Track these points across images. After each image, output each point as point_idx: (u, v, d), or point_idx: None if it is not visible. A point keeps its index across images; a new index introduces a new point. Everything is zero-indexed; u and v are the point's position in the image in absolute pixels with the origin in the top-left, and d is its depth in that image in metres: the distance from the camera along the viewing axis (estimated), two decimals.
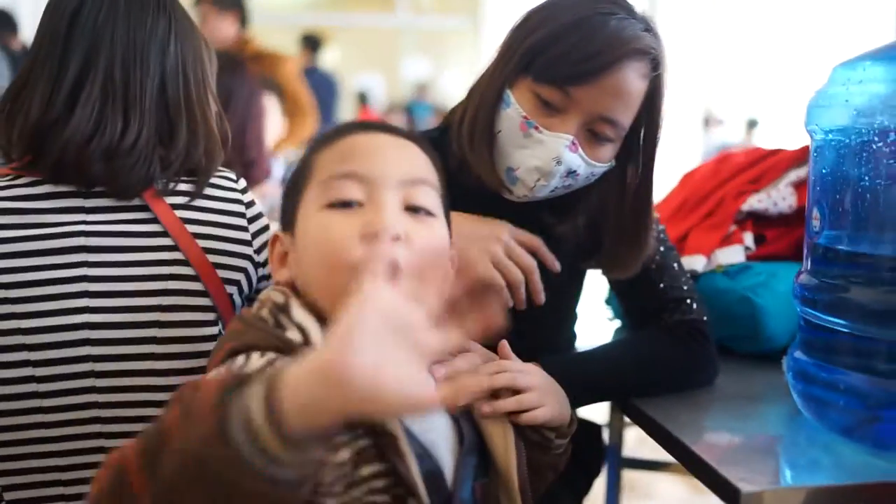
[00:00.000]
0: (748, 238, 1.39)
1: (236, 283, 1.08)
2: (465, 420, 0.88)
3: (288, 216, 0.88)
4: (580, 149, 1.04)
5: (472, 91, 1.12)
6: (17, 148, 1.03)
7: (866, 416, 0.98)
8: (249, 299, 1.13)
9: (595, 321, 1.40)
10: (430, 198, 0.85)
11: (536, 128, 1.03)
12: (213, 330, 1.05)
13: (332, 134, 0.88)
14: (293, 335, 0.78)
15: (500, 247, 1.06)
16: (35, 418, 0.97)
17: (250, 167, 1.91)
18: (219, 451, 0.57)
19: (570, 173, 1.05)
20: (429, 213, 0.84)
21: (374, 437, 0.75)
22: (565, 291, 1.20)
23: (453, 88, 8.74)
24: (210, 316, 1.05)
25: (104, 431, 1.00)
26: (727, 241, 1.38)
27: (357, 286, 0.62)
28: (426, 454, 0.81)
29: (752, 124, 7.16)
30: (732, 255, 1.36)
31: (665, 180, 1.32)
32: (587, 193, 1.11)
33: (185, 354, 1.03)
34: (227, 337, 0.82)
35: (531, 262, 1.07)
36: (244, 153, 1.87)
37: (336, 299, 0.72)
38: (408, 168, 0.84)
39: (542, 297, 1.07)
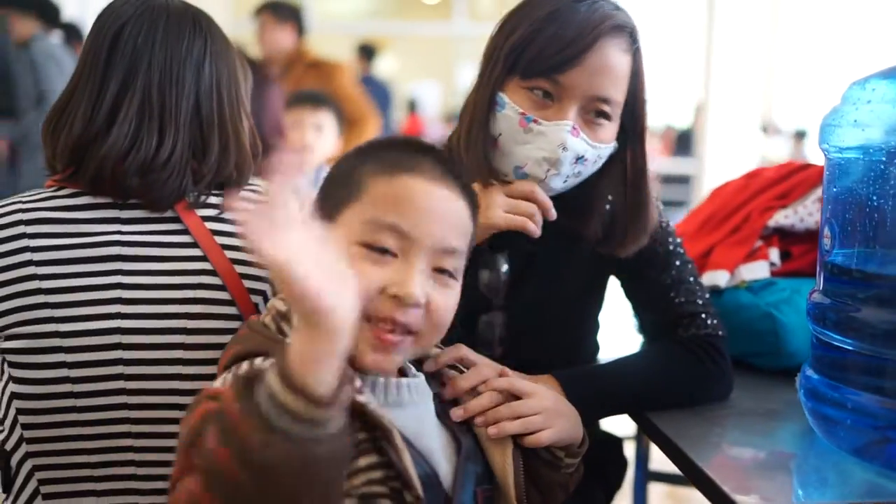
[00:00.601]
0: (774, 254, 1.39)
1: (262, 293, 1.13)
2: (463, 430, 0.91)
3: (324, 212, 0.88)
4: (581, 133, 1.07)
5: (465, 105, 1.16)
6: (60, 161, 1.10)
7: (876, 437, 0.98)
8: None
9: (623, 332, 1.40)
10: (458, 262, 0.89)
11: (535, 121, 1.07)
12: None
13: (395, 160, 0.88)
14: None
15: (503, 201, 1.08)
16: (69, 417, 1.03)
17: (267, 153, 2.01)
18: (269, 439, 0.63)
19: (579, 159, 1.08)
20: (451, 276, 0.88)
21: (369, 430, 0.80)
22: (585, 299, 1.23)
23: None
24: (235, 324, 1.10)
25: (133, 431, 1.05)
26: (752, 256, 1.38)
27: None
28: (420, 458, 0.85)
29: (800, 135, 6.99)
30: (757, 270, 1.36)
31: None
32: (599, 186, 1.13)
33: (211, 360, 1.07)
34: (234, 341, 0.89)
35: (530, 206, 1.08)
36: (262, 142, 1.98)
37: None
38: (448, 235, 0.87)
39: (553, 212, 1.08)
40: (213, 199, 1.13)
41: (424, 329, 0.86)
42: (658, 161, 7.63)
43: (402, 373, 0.92)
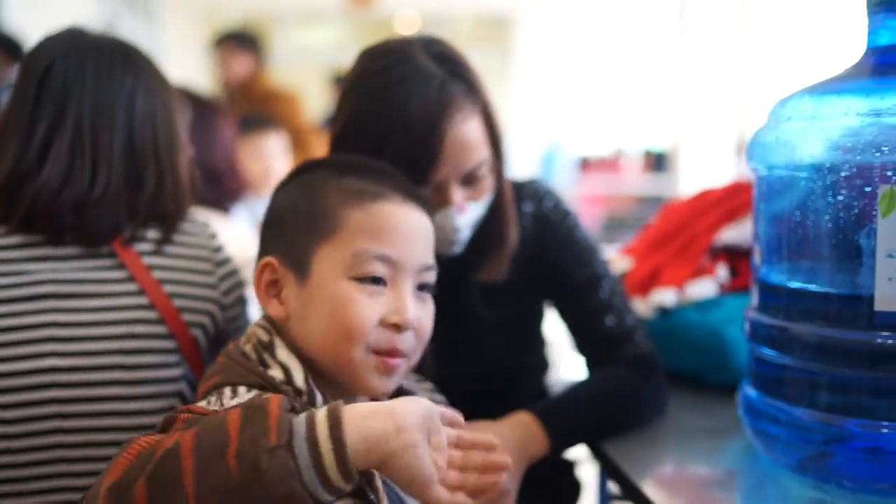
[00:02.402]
0: (721, 271, 1.39)
1: (201, 326, 1.13)
2: None
3: (295, 253, 0.88)
4: (469, 202, 1.10)
5: None
6: None
7: (815, 451, 0.98)
8: (217, 339, 1.18)
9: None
10: (433, 276, 0.92)
11: None
12: (178, 372, 1.10)
13: (360, 187, 0.89)
14: (276, 374, 0.84)
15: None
16: (3, 459, 1.02)
17: (221, 181, 2.02)
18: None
19: (473, 224, 1.12)
20: (428, 290, 0.92)
21: None
22: (515, 326, 1.24)
23: None
24: (175, 358, 1.09)
25: (70, 471, 1.04)
26: (699, 273, 1.38)
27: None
28: (398, 498, 0.85)
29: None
30: (704, 288, 1.37)
31: None
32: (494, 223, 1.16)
33: (149, 396, 1.07)
34: (214, 370, 0.89)
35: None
36: (211, 169, 2.00)
37: (335, 362, 0.85)
38: (426, 254, 0.91)
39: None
40: (150, 234, 1.13)
41: (413, 349, 0.90)
42: (636, 182, 7.68)
43: None
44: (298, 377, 0.83)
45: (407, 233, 0.88)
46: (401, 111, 1.04)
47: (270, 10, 7.80)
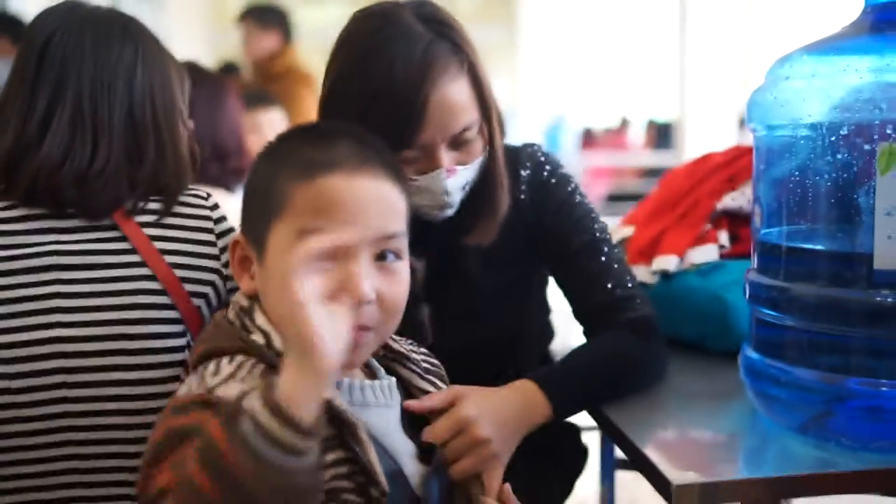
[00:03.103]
0: (723, 237, 1.39)
1: (204, 295, 1.13)
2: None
3: (255, 231, 0.88)
4: (458, 165, 1.10)
5: None
6: None
7: (817, 411, 0.99)
8: (219, 310, 1.18)
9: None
10: (399, 243, 0.87)
11: (413, 179, 1.08)
12: (181, 341, 1.10)
13: (309, 159, 0.85)
14: (257, 338, 0.85)
15: None
16: (10, 428, 1.03)
17: (227, 159, 2.02)
18: (258, 470, 0.65)
19: (463, 187, 1.11)
20: (397, 258, 0.87)
21: (337, 425, 0.81)
22: (516, 290, 1.24)
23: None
24: (178, 328, 1.10)
25: (76, 439, 1.05)
26: (701, 240, 1.38)
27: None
28: (386, 455, 0.86)
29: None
30: (706, 253, 1.36)
31: None
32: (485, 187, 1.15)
33: (153, 365, 1.08)
34: (201, 338, 0.90)
35: None
36: (219, 147, 2.00)
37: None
38: (383, 222, 0.85)
39: None
40: (151, 206, 1.13)
41: (380, 321, 0.86)
42: (640, 154, 7.66)
43: (373, 375, 0.94)
44: (278, 342, 0.84)
45: (354, 204, 0.84)
46: (385, 72, 1.04)
47: None
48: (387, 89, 1.04)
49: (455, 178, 1.10)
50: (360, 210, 0.84)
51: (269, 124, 2.74)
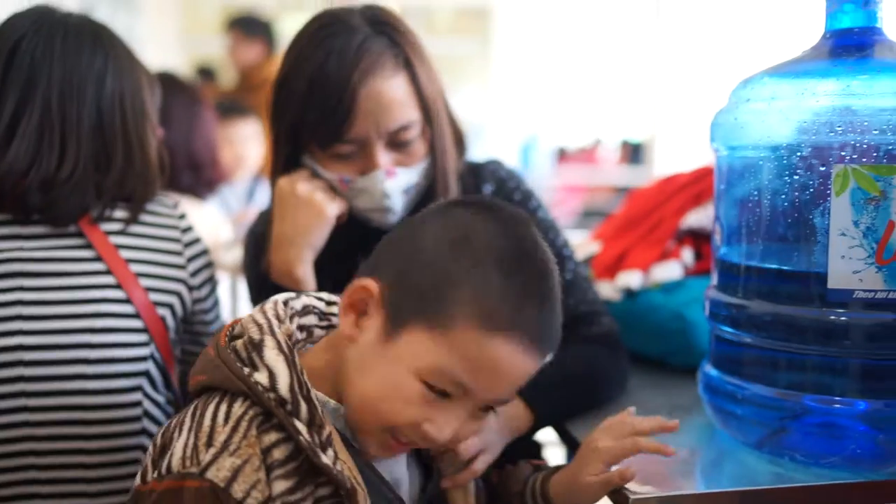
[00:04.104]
0: (687, 254, 1.41)
1: (169, 305, 1.13)
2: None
3: (399, 308, 0.79)
4: (399, 167, 1.11)
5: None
6: None
7: (773, 428, 1.00)
8: (185, 320, 1.18)
9: None
10: (504, 403, 0.88)
11: (349, 180, 1.11)
12: (144, 351, 1.10)
13: (498, 310, 0.77)
14: (261, 378, 0.78)
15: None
16: None
17: (201, 170, 2.03)
18: None
19: (406, 191, 1.13)
20: (493, 410, 0.89)
21: (335, 486, 0.77)
22: None
23: (463, 111, 8.82)
24: (142, 337, 1.10)
25: (36, 449, 1.04)
26: (665, 257, 1.40)
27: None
28: (388, 488, 0.85)
29: None
30: (669, 270, 1.38)
31: None
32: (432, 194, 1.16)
33: (115, 375, 1.08)
34: (203, 366, 0.83)
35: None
36: (193, 158, 2.01)
37: (353, 419, 0.82)
38: (511, 393, 0.83)
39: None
40: (118, 214, 1.13)
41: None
42: (613, 172, 7.72)
43: None
44: (283, 384, 0.77)
45: (506, 379, 0.80)
46: (319, 65, 1.07)
47: (249, 0, 7.74)
48: (319, 81, 1.07)
49: (395, 181, 1.11)
50: (506, 384, 0.81)
51: (244, 136, 2.75)
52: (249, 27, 3.97)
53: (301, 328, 0.88)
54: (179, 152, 1.95)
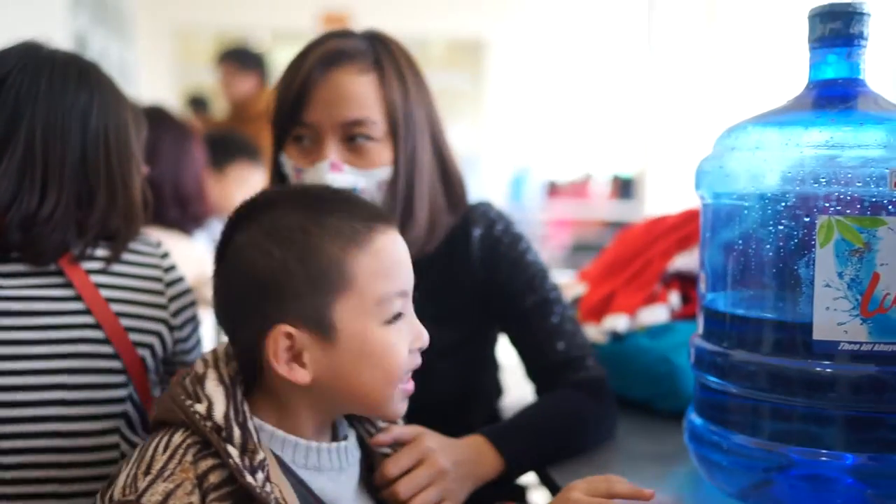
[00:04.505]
0: (674, 298, 1.41)
1: (149, 346, 1.12)
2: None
3: (314, 317, 0.84)
4: (348, 166, 1.13)
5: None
6: None
7: (758, 479, 0.99)
8: (165, 361, 1.17)
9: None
10: None
11: (301, 170, 1.14)
12: (122, 392, 1.08)
13: (355, 233, 0.85)
14: (201, 408, 0.84)
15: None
16: None
17: (188, 204, 2.02)
18: None
19: (353, 191, 1.13)
20: None
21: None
22: (459, 350, 1.23)
23: (455, 144, 8.86)
24: (120, 378, 1.08)
25: (8, 493, 1.02)
26: (652, 300, 1.40)
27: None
28: None
29: None
30: (656, 314, 1.38)
31: None
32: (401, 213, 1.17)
33: (92, 416, 1.06)
34: (157, 402, 0.90)
35: None
36: (181, 192, 2.00)
37: (375, 403, 0.88)
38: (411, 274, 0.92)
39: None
40: (99, 252, 1.12)
41: None
42: (603, 207, 7.75)
43: (335, 435, 0.94)
44: (219, 412, 0.83)
45: (403, 258, 0.89)
46: (298, 56, 1.16)
47: (242, 29, 7.79)
48: (291, 67, 1.16)
49: (339, 176, 1.12)
50: (406, 262, 0.90)
51: (237, 173, 2.74)
52: (243, 60, 3.98)
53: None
54: (167, 186, 1.95)
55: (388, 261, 0.87)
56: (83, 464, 1.04)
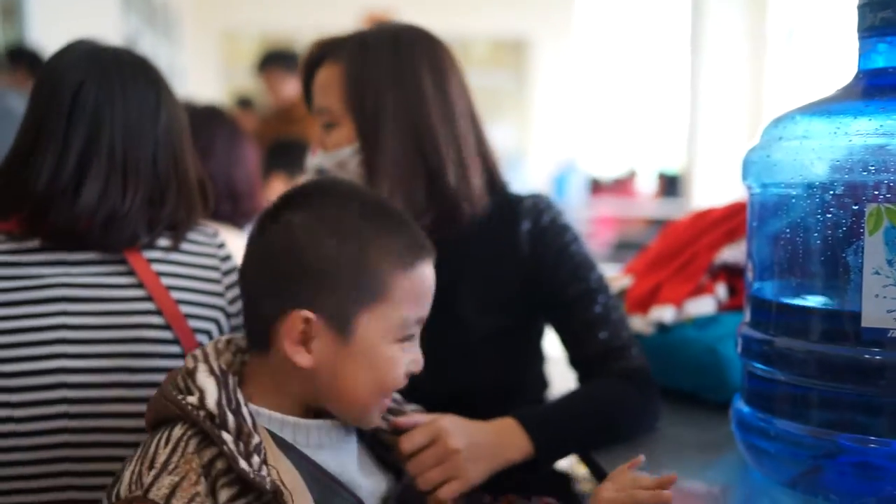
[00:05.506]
0: (720, 289, 1.41)
1: (207, 332, 1.16)
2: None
3: (340, 314, 0.88)
4: (319, 150, 1.26)
5: None
6: (14, 209, 1.12)
7: (807, 466, 0.99)
8: None
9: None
10: None
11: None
12: None
13: (405, 254, 0.91)
14: (192, 399, 0.86)
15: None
16: (12, 457, 1.05)
17: (239, 200, 2.07)
18: None
19: (319, 171, 1.25)
20: None
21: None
22: (498, 336, 1.24)
23: (500, 142, 8.88)
24: (179, 363, 1.12)
25: (75, 470, 1.07)
26: (698, 292, 1.40)
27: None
28: (344, 489, 0.91)
29: None
30: (703, 305, 1.38)
31: None
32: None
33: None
34: (149, 407, 0.93)
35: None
36: (233, 188, 2.05)
37: (358, 409, 0.92)
38: None
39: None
40: (160, 242, 1.16)
41: None
42: (648, 204, 7.69)
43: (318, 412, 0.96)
44: (211, 400, 0.85)
45: (432, 289, 0.95)
46: None
47: (287, 31, 7.90)
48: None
49: (313, 159, 1.27)
50: (432, 289, 0.95)
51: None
52: (288, 63, 4.04)
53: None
54: (219, 182, 1.99)
55: (422, 288, 0.92)
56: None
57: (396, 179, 1.19)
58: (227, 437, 0.83)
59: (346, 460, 0.94)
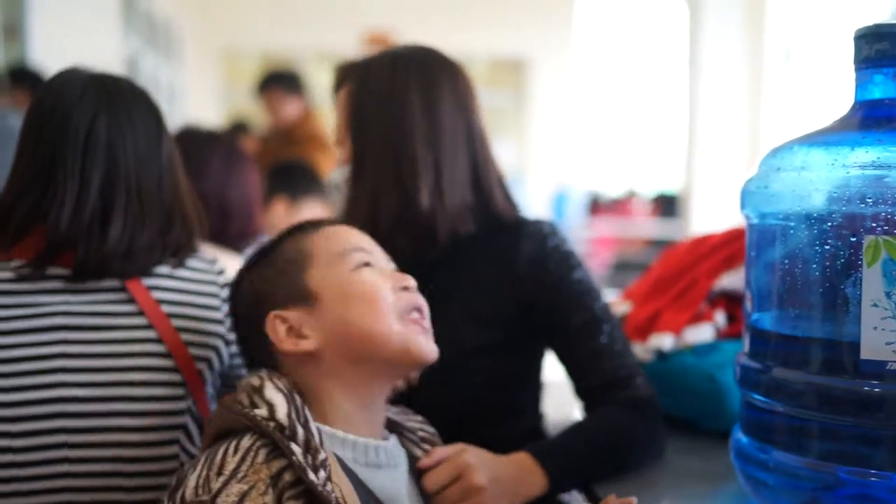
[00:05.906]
0: (719, 317, 1.41)
1: (206, 360, 1.16)
2: None
3: (294, 292, 0.99)
4: (336, 167, 1.32)
5: None
6: (11, 237, 1.12)
7: (805, 499, 0.99)
8: (222, 374, 1.21)
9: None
10: None
11: None
12: (182, 405, 1.12)
13: (305, 227, 1.05)
14: (261, 411, 0.89)
15: None
16: (10, 487, 1.05)
17: (231, 220, 2.06)
18: None
19: (336, 186, 1.31)
20: None
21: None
22: (499, 359, 1.24)
23: (499, 162, 8.88)
24: (179, 391, 1.12)
25: (76, 500, 1.07)
26: (697, 319, 1.40)
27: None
28: None
29: None
30: (701, 333, 1.38)
31: None
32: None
33: (154, 427, 1.10)
34: (211, 421, 0.94)
35: None
36: (226, 208, 2.04)
37: (383, 343, 0.96)
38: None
39: None
40: (160, 269, 1.17)
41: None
42: (646, 225, 7.70)
43: (381, 434, 0.99)
44: (281, 412, 0.88)
45: (349, 230, 1.04)
46: None
47: (288, 51, 7.94)
48: None
49: (332, 173, 1.36)
50: (350, 230, 1.06)
51: (307, 212, 2.79)
52: (288, 84, 4.05)
53: None
54: (211, 202, 1.99)
55: (334, 231, 1.03)
56: (145, 473, 1.09)
57: (373, 199, 1.23)
58: (296, 448, 0.84)
59: (399, 483, 0.96)
